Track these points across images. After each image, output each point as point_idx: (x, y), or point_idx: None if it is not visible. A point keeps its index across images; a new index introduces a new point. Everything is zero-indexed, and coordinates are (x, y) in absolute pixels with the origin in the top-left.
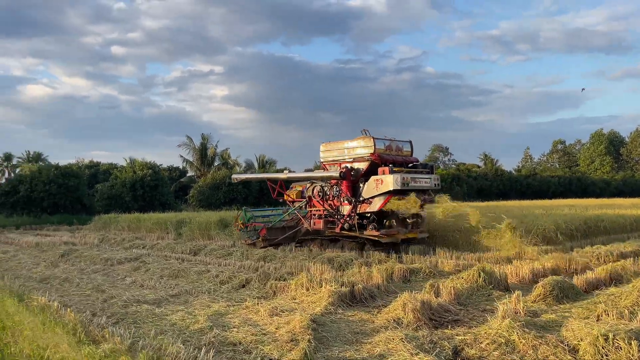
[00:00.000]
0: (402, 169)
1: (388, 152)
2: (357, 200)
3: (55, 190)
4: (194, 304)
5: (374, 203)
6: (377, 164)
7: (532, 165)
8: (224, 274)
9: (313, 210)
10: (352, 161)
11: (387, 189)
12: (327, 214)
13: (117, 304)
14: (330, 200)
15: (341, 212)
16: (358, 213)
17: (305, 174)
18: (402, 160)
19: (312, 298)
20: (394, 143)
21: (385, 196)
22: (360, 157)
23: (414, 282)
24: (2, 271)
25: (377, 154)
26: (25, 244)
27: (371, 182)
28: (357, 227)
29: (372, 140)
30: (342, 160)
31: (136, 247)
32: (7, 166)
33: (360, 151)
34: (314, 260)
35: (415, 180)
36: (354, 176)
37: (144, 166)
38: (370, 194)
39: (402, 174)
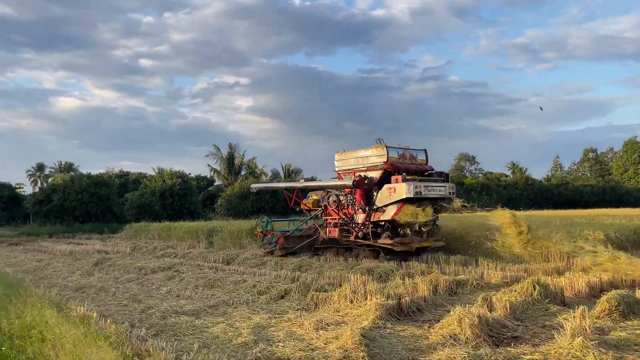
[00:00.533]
0: (416, 178)
1: (402, 161)
2: (371, 208)
3: (87, 199)
4: (233, 316)
5: (387, 211)
6: (390, 172)
7: (562, 174)
8: (261, 284)
9: (329, 219)
10: (366, 170)
11: (400, 197)
12: (342, 222)
13: (155, 315)
14: (345, 209)
15: (355, 221)
16: (372, 221)
17: (320, 183)
18: (415, 168)
19: (357, 311)
20: (408, 152)
21: (398, 204)
22: (373, 166)
23: (460, 294)
24: (37, 279)
25: (390, 162)
26: (59, 252)
27: (384, 191)
28: (372, 235)
29: (385, 149)
30: (356, 169)
31: (168, 256)
32: (39, 176)
33: (374, 160)
34: (353, 271)
35: (429, 189)
36: (367, 185)
37: (173, 175)
38: (384, 202)
39: (415, 182)
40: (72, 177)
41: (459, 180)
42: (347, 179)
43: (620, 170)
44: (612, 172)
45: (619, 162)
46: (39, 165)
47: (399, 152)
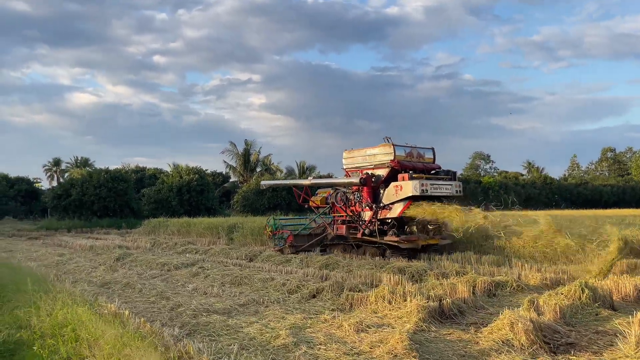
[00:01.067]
0: (422, 176)
1: (409, 159)
2: (378, 206)
3: (105, 194)
4: (266, 315)
5: (394, 209)
6: (397, 170)
7: (580, 173)
8: (291, 283)
9: (336, 216)
10: (373, 168)
11: (406, 195)
12: (349, 219)
13: (186, 313)
14: (352, 206)
15: (362, 218)
16: (379, 219)
17: (328, 180)
18: (422, 167)
19: (397, 312)
20: (415, 150)
21: (404, 202)
22: (381, 164)
23: (500, 296)
24: (61, 274)
25: (397, 160)
26: (79, 247)
27: (391, 189)
28: (378, 232)
29: (392, 147)
30: (363, 167)
31: (189, 252)
32: (56, 171)
33: (381, 158)
34: (383, 270)
35: (435, 187)
36: (374, 182)
37: (190, 171)
38: (390, 200)
39: (421, 181)
40: (91, 172)
41: (476, 179)
42: (354, 176)
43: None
44: (631, 172)
45: (638, 161)
46: (56, 160)
47: (406, 151)
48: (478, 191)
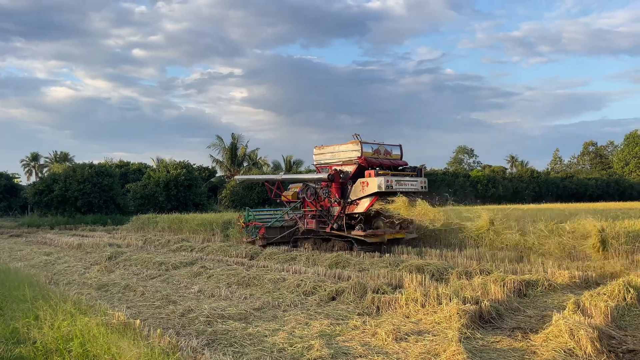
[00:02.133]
0: (388, 172)
1: (376, 156)
2: (346, 201)
3: (89, 190)
4: (287, 321)
5: (360, 204)
6: (364, 167)
7: (562, 167)
8: (305, 284)
9: (307, 211)
10: (341, 164)
11: (372, 191)
12: (318, 214)
13: (198, 320)
14: (322, 202)
15: (331, 213)
16: (347, 214)
17: (298, 176)
18: (389, 163)
19: (433, 317)
20: (383, 147)
21: (371, 198)
22: (349, 161)
23: (532, 296)
24: (51, 275)
25: (364, 157)
26: (66, 245)
27: (358, 185)
28: (346, 227)
29: (360, 145)
30: (333, 163)
31: (185, 250)
32: (34, 166)
33: (349, 155)
34: (399, 269)
35: (400, 183)
36: (342, 178)
37: (178, 165)
38: (357, 195)
39: (386, 177)
40: (74, 167)
41: (464, 173)
42: (324, 172)
43: (622, 163)
44: (612, 165)
45: (619, 155)
46: (34, 155)
47: (373, 148)
48: (467, 185)
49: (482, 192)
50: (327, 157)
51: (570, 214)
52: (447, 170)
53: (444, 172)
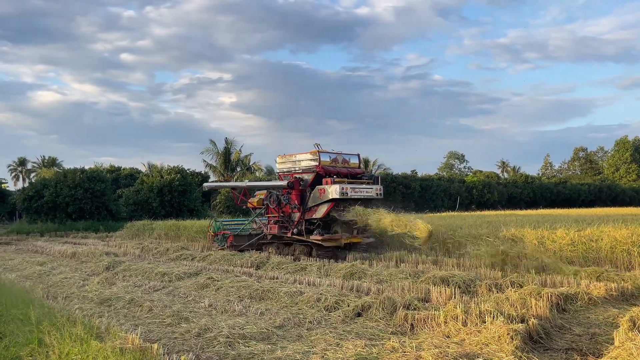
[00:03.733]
0: (344, 180)
1: (333, 165)
2: (305, 207)
3: (81, 195)
4: (314, 341)
5: (318, 210)
6: (322, 175)
7: (553, 172)
8: (326, 298)
9: (270, 217)
10: (301, 172)
11: (329, 197)
12: (280, 220)
13: (218, 341)
14: (284, 208)
15: (292, 219)
16: (306, 219)
17: (262, 183)
18: (347, 171)
19: (479, 338)
20: (341, 156)
21: (328, 204)
22: (307, 169)
23: (572, 312)
24: (47, 287)
25: (321, 166)
26: (59, 254)
27: (316, 192)
28: (305, 232)
29: (318, 154)
30: (294, 171)
31: (185, 259)
32: (21, 171)
33: (308, 163)
34: (421, 281)
35: (355, 190)
36: (302, 186)
37: (172, 170)
38: (316, 202)
39: (341, 185)
40: (65, 172)
41: (459, 178)
42: (285, 180)
43: (612, 169)
44: (603, 171)
45: (610, 161)
46: (21, 160)
47: (331, 157)
48: (462, 191)
49: (477, 197)
50: (289, 165)
51: (582, 221)
52: (442, 176)
53: (439, 178)
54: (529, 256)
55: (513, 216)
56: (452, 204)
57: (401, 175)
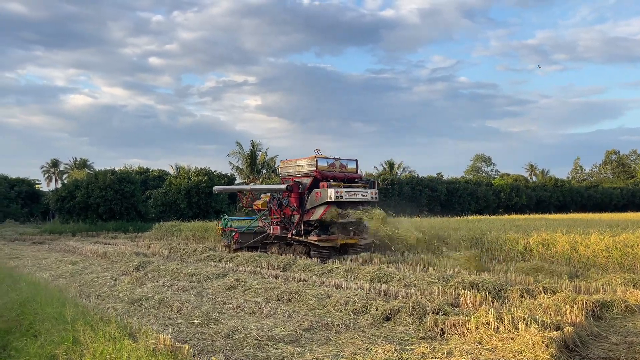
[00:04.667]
0: (340, 184)
1: (331, 169)
2: (303, 209)
3: (111, 196)
4: (343, 344)
5: (315, 212)
6: (319, 179)
7: (583, 176)
8: (354, 301)
9: (273, 218)
10: (301, 177)
11: (324, 200)
12: (282, 221)
13: (246, 342)
14: (284, 210)
15: (292, 220)
16: (305, 221)
17: (264, 187)
18: (343, 176)
19: (512, 345)
20: (338, 161)
21: (324, 207)
22: (306, 173)
23: (609, 320)
24: (80, 286)
25: (318, 170)
26: (90, 253)
27: (313, 195)
28: (304, 233)
29: (315, 159)
30: (294, 175)
31: (212, 260)
32: (54, 172)
33: (307, 168)
34: (450, 286)
35: (350, 194)
36: (301, 189)
37: (199, 172)
38: (313, 204)
39: (336, 188)
40: (96, 173)
41: (487, 182)
42: (287, 183)
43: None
44: (635, 174)
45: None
46: (54, 162)
47: (329, 162)
48: (489, 194)
49: (505, 201)
50: (290, 170)
51: (616, 226)
52: (469, 179)
53: (466, 181)
54: None
55: (543, 220)
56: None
57: (427, 178)
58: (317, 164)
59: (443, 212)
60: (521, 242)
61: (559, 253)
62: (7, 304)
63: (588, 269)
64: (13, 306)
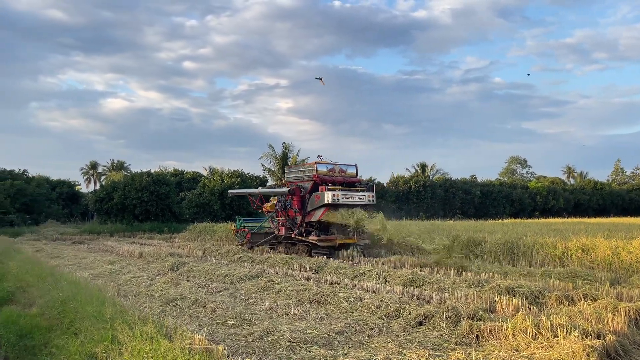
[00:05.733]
0: (337, 188)
1: (330, 174)
2: (305, 211)
3: (147, 198)
4: (375, 349)
5: (315, 214)
6: (318, 183)
7: (625, 178)
8: (386, 305)
9: (280, 220)
10: (303, 181)
11: (323, 203)
12: (287, 222)
13: (279, 344)
14: (289, 212)
15: (295, 221)
16: (306, 222)
17: (270, 190)
18: (342, 180)
19: (550, 353)
20: (338, 166)
21: (322, 209)
22: (307, 178)
23: None
24: (117, 286)
25: (318, 175)
26: (127, 253)
27: (313, 198)
28: (305, 233)
29: (315, 165)
30: (297, 179)
31: (245, 261)
32: (93, 174)
33: (308, 173)
34: (485, 290)
35: (347, 197)
36: (302, 193)
37: (232, 174)
38: (313, 206)
39: (333, 192)
40: (133, 175)
41: (522, 184)
42: (290, 187)
43: None
44: None
45: None
46: (92, 164)
47: (328, 167)
48: (525, 197)
49: (541, 204)
50: (293, 175)
51: None
52: (504, 182)
53: (501, 183)
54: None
55: (581, 224)
56: (513, 211)
57: (460, 181)
58: (317, 169)
59: (477, 215)
60: (559, 247)
61: (600, 258)
62: (49, 302)
63: (630, 275)
64: (55, 304)
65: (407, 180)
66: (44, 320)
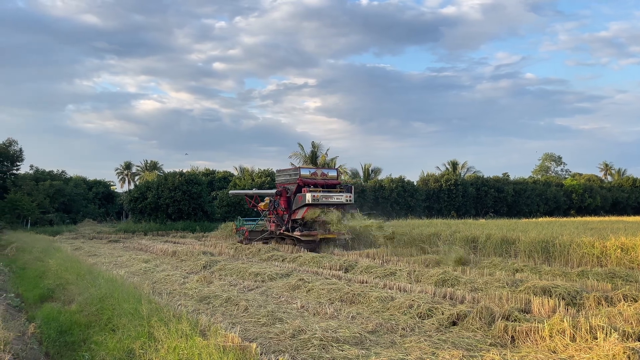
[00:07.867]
0: (318, 189)
1: (313, 177)
2: (290, 210)
3: (179, 197)
4: (408, 349)
5: (299, 213)
6: (302, 185)
7: None
8: (418, 305)
9: (271, 218)
10: (290, 183)
11: (304, 203)
12: (276, 220)
13: (311, 343)
14: (278, 210)
15: (283, 219)
16: (292, 219)
17: (263, 192)
18: (323, 182)
19: (589, 355)
20: (320, 170)
21: (304, 208)
22: (293, 181)
23: None
24: (152, 284)
25: (300, 178)
26: (161, 252)
27: (297, 198)
28: (291, 229)
29: (298, 169)
30: (285, 182)
31: (276, 259)
32: (127, 174)
33: (294, 177)
34: (520, 291)
35: (326, 197)
36: (288, 194)
37: (262, 174)
38: (297, 206)
39: (314, 193)
40: (166, 175)
41: (557, 182)
42: (278, 189)
43: None
44: None
45: None
46: (127, 164)
47: (311, 171)
48: (560, 195)
49: (577, 202)
50: (282, 178)
51: None
52: (538, 180)
53: (534, 181)
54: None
55: (620, 223)
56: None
57: (492, 179)
58: (301, 173)
59: (510, 214)
60: (597, 246)
61: None
62: (88, 299)
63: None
64: (93, 301)
65: (437, 179)
66: (82, 317)
